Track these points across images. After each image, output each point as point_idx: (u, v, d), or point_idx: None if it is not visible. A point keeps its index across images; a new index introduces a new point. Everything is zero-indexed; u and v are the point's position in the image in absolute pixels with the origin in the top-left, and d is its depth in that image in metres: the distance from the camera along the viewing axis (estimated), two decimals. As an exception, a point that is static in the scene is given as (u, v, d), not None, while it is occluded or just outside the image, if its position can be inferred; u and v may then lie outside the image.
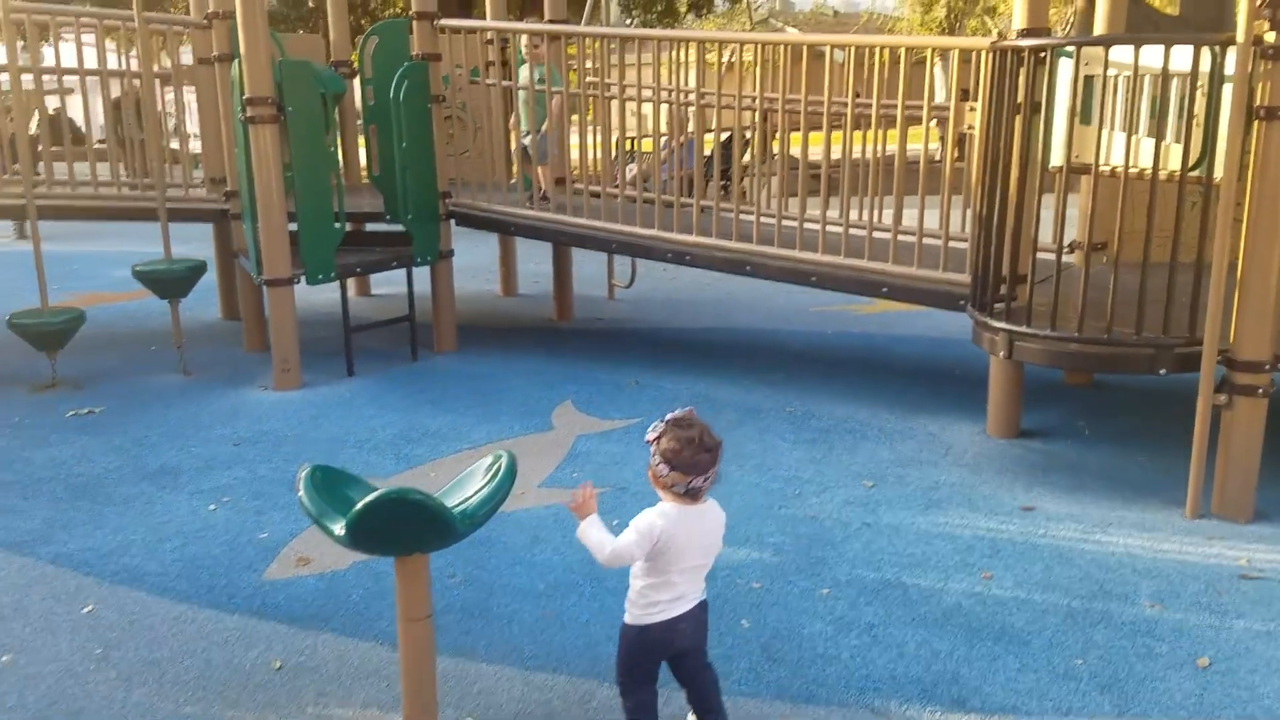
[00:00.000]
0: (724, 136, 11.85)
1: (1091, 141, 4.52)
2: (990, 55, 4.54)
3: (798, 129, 6.38)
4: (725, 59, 5.73)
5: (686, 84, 6.16)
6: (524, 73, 6.74)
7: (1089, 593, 3.56)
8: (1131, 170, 4.11)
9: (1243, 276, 3.97)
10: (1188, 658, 3.15)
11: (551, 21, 7.64)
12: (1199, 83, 3.98)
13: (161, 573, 3.81)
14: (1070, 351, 4.27)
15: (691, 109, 6.01)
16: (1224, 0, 15.14)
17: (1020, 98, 4.34)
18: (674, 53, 6.25)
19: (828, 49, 5.32)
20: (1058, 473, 4.69)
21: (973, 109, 5.11)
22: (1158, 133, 4.13)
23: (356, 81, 8.03)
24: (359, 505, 2.45)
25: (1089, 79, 4.54)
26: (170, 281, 6.43)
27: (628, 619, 2.64)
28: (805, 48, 5.80)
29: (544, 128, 6.79)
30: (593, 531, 2.59)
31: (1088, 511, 4.25)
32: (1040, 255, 4.91)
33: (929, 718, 2.88)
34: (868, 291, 5.46)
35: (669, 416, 2.59)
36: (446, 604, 3.53)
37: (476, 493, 2.73)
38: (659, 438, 2.56)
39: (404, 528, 2.54)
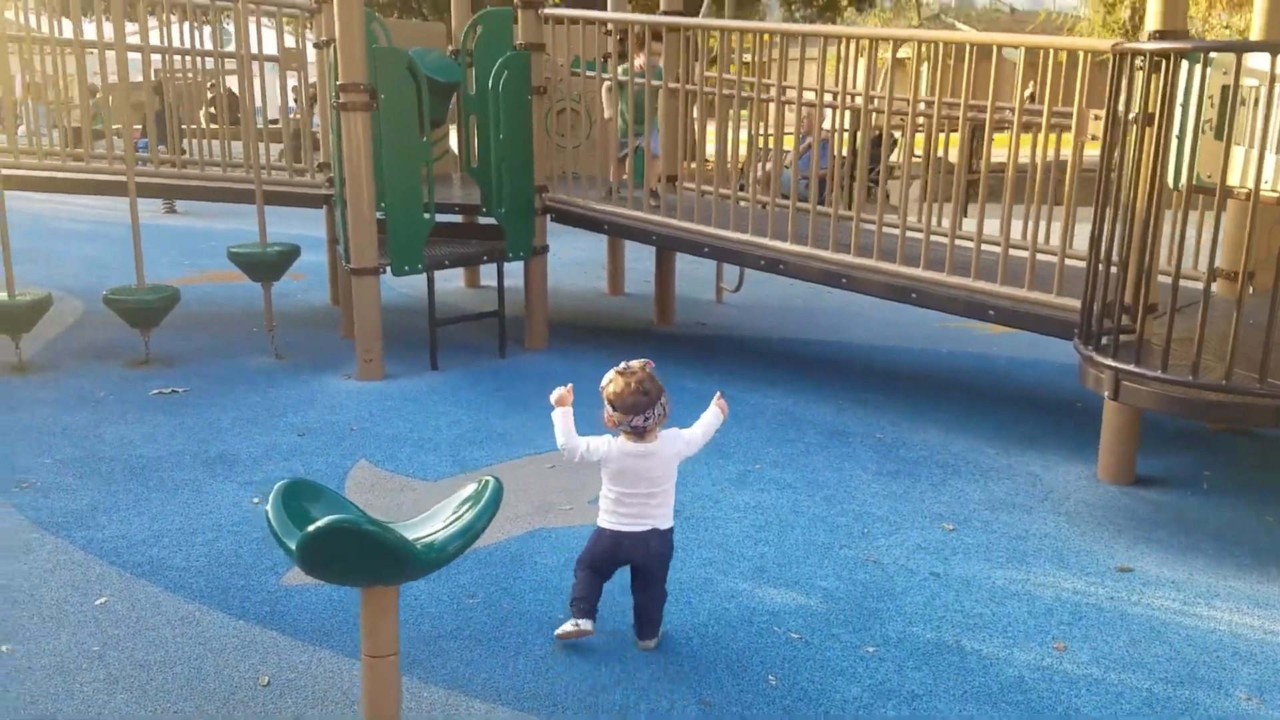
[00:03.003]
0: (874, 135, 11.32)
1: (1228, 159, 3.98)
2: (1112, 59, 4.03)
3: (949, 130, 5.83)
4: (892, 56, 5.15)
5: (848, 83, 5.61)
6: (631, 67, 6.45)
7: (1176, 676, 3.07)
8: (1268, 193, 3.55)
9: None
10: (1285, 775, 2.66)
11: (667, 13, 7.35)
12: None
13: (184, 567, 3.73)
14: (1183, 398, 3.73)
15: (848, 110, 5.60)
16: None
17: (1142, 106, 3.84)
18: (840, 49, 5.66)
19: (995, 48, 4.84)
20: (1167, 529, 4.14)
21: (1097, 117, 4.58)
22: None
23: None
24: (306, 531, 2.25)
25: (1227, 89, 3.99)
26: (262, 264, 6.46)
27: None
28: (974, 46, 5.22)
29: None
30: (560, 420, 3.15)
31: (1194, 578, 3.72)
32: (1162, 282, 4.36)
33: (953, 819, 2.49)
34: (973, 314, 4.99)
35: (619, 366, 3.06)
36: (455, 627, 3.32)
37: (455, 519, 2.49)
38: (608, 384, 3.06)
39: (358, 558, 2.32)
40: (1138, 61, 3.82)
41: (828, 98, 6.01)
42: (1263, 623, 3.39)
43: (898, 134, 9.47)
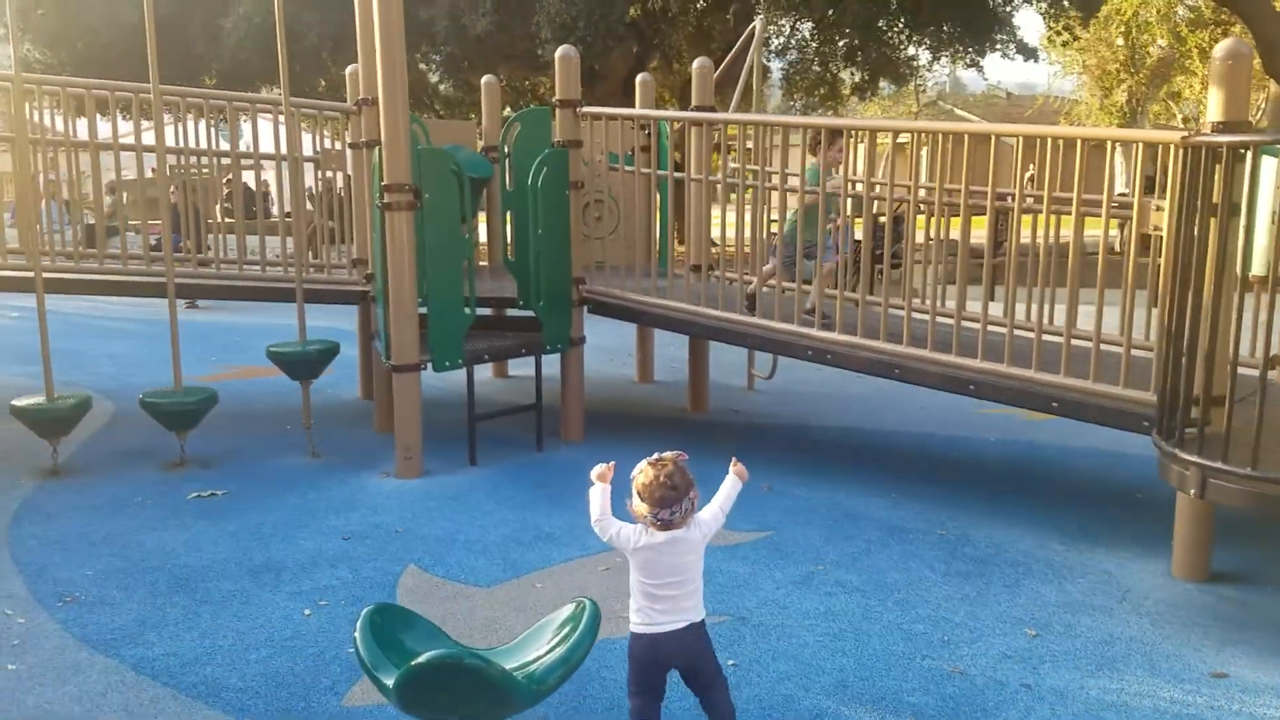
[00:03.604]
0: (894, 216, 11.35)
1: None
2: (1181, 151, 3.99)
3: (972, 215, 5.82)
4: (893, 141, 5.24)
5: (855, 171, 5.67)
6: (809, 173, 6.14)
7: (1305, 803, 2.89)
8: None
9: None
10: None
11: (697, 109, 7.40)
12: None
13: (241, 688, 3.56)
14: (1276, 496, 3.60)
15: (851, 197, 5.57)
16: None
17: (1216, 198, 3.78)
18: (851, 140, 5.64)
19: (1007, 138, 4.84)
20: (1255, 629, 3.97)
21: (1159, 208, 4.53)
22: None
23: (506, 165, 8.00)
24: (409, 667, 2.11)
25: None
26: (301, 363, 6.38)
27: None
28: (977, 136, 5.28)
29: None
30: (597, 497, 3.06)
31: (1298, 686, 3.54)
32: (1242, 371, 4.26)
33: None
34: (1034, 405, 4.88)
35: (651, 456, 3.02)
36: (532, 753, 3.14)
37: (550, 650, 2.35)
38: (638, 474, 2.99)
39: (460, 693, 2.18)
40: (1216, 153, 3.76)
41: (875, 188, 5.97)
42: (1382, 736, 3.21)
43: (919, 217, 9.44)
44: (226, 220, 8.69)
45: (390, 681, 2.15)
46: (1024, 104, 37.56)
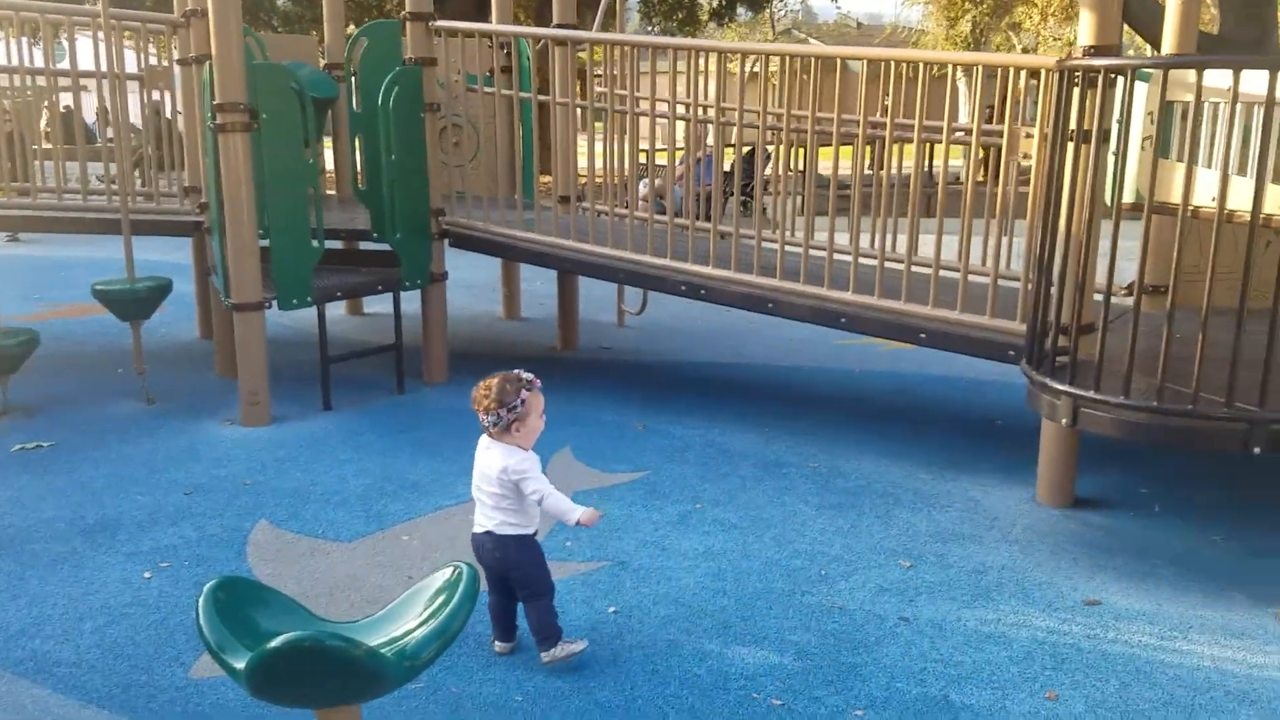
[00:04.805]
0: (745, 150, 11.20)
1: (1169, 177, 3.95)
2: (1055, 76, 3.94)
3: (825, 145, 5.77)
4: (749, 69, 5.15)
5: (707, 96, 5.55)
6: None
7: (1179, 726, 2.94)
8: (1215, 209, 3.48)
9: (1359, 342, 3.35)
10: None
11: (560, 26, 7.06)
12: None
13: (75, 662, 3.23)
14: (1147, 424, 3.64)
15: (711, 124, 5.42)
16: (1266, 19, 14.56)
17: (1088, 124, 3.75)
18: (694, 62, 5.59)
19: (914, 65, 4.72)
20: (1123, 555, 4.06)
21: (1029, 135, 4.51)
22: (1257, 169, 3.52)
23: (353, 85, 7.51)
24: (259, 653, 1.86)
25: (1169, 106, 3.95)
26: (130, 302, 5.87)
27: None
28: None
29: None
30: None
31: (1163, 609, 3.62)
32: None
33: None
34: (904, 337, 4.85)
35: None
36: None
37: (423, 622, 2.13)
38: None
39: (323, 676, 1.95)
40: (1090, 78, 3.73)
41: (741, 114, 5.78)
42: (1244, 655, 3.30)
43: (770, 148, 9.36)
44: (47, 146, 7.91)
45: (241, 666, 1.90)
46: (873, 33, 38.19)
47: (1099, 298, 3.89)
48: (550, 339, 7.68)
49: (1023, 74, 4.43)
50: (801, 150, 5.53)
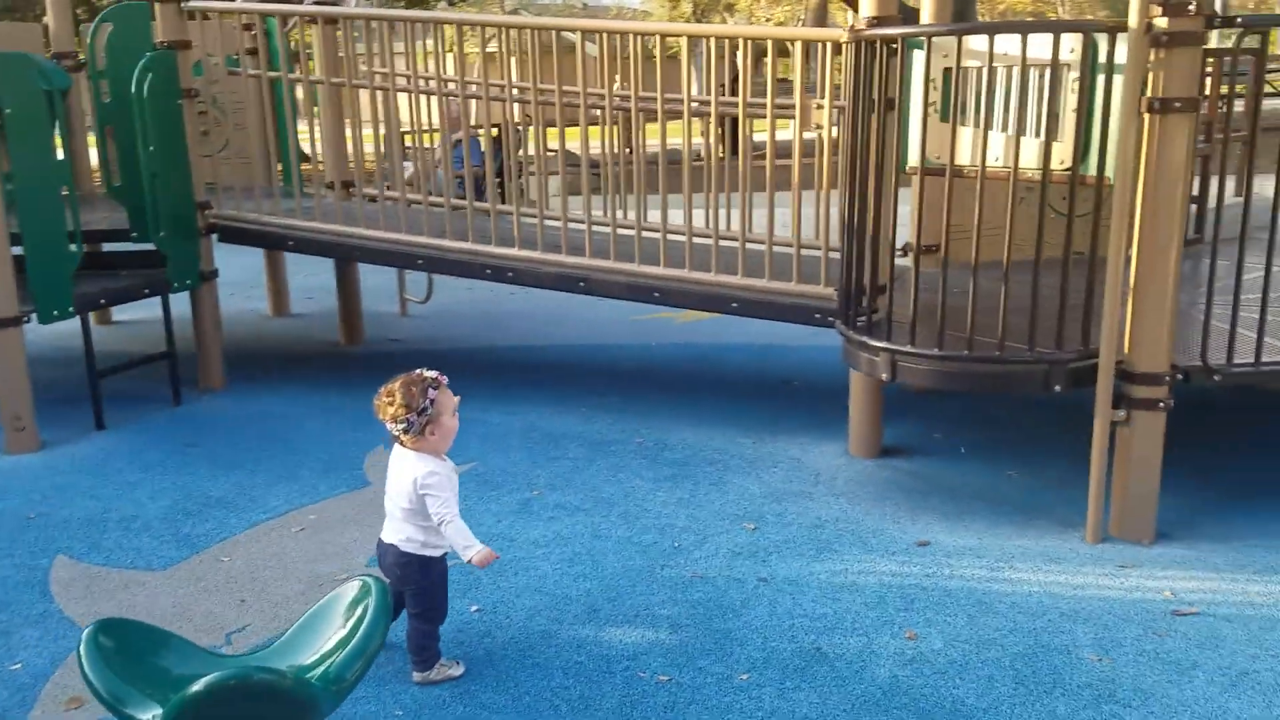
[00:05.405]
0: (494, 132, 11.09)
1: (952, 139, 4.21)
2: (850, 47, 4.12)
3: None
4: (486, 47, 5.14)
5: (446, 73, 5.45)
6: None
7: (1026, 649, 3.17)
8: (1000, 167, 3.77)
9: (1137, 283, 3.72)
10: (1163, 725, 2.81)
11: (317, 2, 6.69)
12: (1075, 74, 3.69)
13: None
14: (960, 372, 3.91)
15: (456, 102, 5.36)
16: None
17: (875, 93, 3.96)
18: (429, 40, 5.45)
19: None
20: (936, 496, 4.35)
21: (820, 106, 4.70)
22: (1021, 129, 3.81)
23: (83, 76, 6.82)
24: (180, 700, 1.67)
25: (948, 72, 4.21)
26: None
27: None
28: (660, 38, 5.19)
29: None
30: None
31: (984, 543, 3.91)
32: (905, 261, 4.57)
33: None
34: (717, 307, 4.97)
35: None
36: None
37: (339, 643, 1.98)
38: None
39: (250, 714, 1.77)
40: (874, 49, 3.91)
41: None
42: (1067, 578, 3.61)
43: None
44: None
45: (151, 716, 1.69)
46: (599, 13, 38.74)
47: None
48: (329, 334, 7.33)
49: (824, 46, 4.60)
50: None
